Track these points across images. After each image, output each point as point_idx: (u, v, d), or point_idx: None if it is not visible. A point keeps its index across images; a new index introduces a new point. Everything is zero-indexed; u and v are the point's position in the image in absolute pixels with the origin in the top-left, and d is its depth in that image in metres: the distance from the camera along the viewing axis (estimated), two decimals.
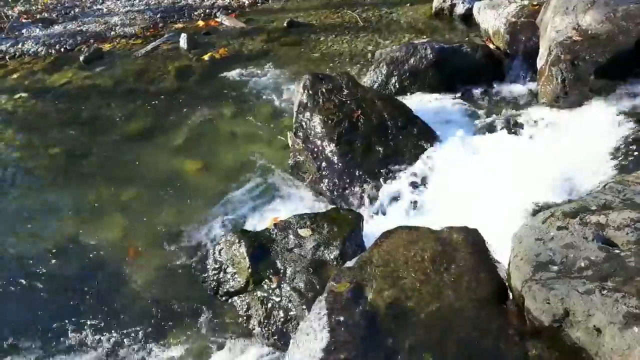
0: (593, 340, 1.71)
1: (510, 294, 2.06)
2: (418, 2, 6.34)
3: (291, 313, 2.69)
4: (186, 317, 2.94)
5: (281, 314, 2.72)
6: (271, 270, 2.85)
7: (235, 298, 2.91)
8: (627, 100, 3.39)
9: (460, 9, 5.66)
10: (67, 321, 2.98)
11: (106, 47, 6.13)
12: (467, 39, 5.08)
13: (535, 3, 4.68)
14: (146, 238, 3.48)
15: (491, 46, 4.68)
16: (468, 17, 5.51)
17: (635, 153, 3.03)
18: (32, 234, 3.65)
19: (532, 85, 4.18)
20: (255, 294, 2.83)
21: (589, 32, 3.68)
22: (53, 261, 3.40)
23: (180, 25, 6.55)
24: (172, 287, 3.13)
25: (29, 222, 3.77)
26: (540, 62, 3.96)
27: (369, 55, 5.20)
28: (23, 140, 4.72)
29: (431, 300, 2.06)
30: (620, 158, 3.06)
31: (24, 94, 5.36)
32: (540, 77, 3.88)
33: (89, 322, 2.97)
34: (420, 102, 4.21)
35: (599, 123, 3.36)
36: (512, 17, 4.58)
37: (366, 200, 3.42)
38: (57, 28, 6.69)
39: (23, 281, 3.28)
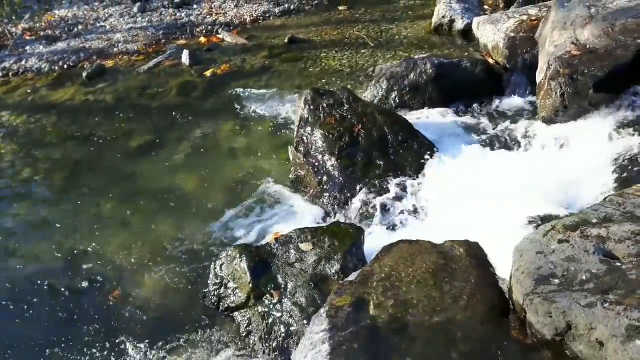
0: (596, 354, 1.70)
1: (512, 308, 2.05)
2: (417, 18, 6.42)
3: (292, 328, 2.68)
4: (187, 333, 2.93)
5: (282, 329, 2.71)
6: (272, 285, 2.84)
7: (236, 313, 2.90)
8: (626, 114, 3.39)
9: (459, 25, 5.71)
10: (67, 335, 2.98)
11: (109, 63, 6.20)
12: (466, 54, 5.12)
13: (534, 18, 4.72)
14: (147, 253, 3.48)
15: (490, 61, 4.72)
16: (467, 33, 5.56)
17: (635, 166, 3.03)
18: (34, 248, 3.66)
19: (532, 100, 4.20)
20: (256, 309, 2.82)
21: (588, 46, 3.70)
22: (54, 275, 3.40)
23: (182, 42, 6.62)
24: (172, 303, 3.13)
25: (30, 236, 3.78)
26: (539, 77, 3.98)
27: (370, 70, 5.25)
28: (26, 156, 4.75)
29: (433, 314, 2.05)
30: (620, 171, 3.06)
31: (27, 110, 5.41)
32: (539, 91, 3.90)
33: (89, 337, 2.96)
34: (420, 117, 4.24)
35: (599, 136, 3.37)
36: (511, 32, 4.62)
37: (367, 214, 3.42)
38: (61, 45, 6.77)
39: (24, 295, 3.27)
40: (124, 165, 4.43)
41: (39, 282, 3.37)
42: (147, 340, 2.90)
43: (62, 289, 3.30)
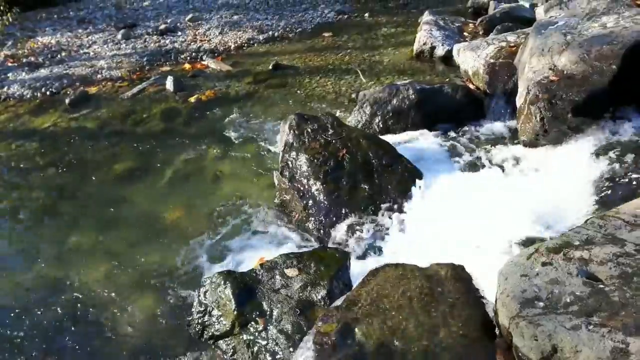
0: None
1: (499, 331, 2.05)
2: (399, 44, 6.55)
3: (278, 356, 2.64)
4: None
5: (268, 357, 2.66)
6: (257, 312, 2.80)
7: (221, 342, 2.85)
8: (603, 137, 3.47)
9: (440, 51, 5.84)
10: None
11: (92, 90, 6.18)
12: (447, 79, 5.22)
13: (512, 45, 4.84)
14: (130, 280, 3.42)
15: (471, 86, 4.81)
16: (448, 59, 5.68)
17: (615, 188, 3.09)
18: (14, 277, 3.57)
19: (512, 124, 4.27)
20: (241, 337, 2.77)
21: (565, 72, 3.80)
22: (35, 304, 3.31)
23: (166, 68, 6.64)
24: (155, 331, 3.06)
25: (10, 265, 3.69)
26: (519, 101, 4.06)
27: (353, 96, 5.31)
28: (6, 183, 4.67)
29: (419, 339, 2.04)
30: (600, 193, 3.11)
31: (8, 137, 5.35)
32: (519, 115, 3.97)
33: None
34: (403, 141, 4.28)
35: (579, 159, 3.43)
36: (490, 58, 4.73)
37: (353, 239, 3.41)
38: (43, 72, 6.75)
39: (2, 326, 3.18)
40: (107, 192, 4.38)
41: (17, 311, 3.28)
42: None
43: (42, 318, 3.22)
